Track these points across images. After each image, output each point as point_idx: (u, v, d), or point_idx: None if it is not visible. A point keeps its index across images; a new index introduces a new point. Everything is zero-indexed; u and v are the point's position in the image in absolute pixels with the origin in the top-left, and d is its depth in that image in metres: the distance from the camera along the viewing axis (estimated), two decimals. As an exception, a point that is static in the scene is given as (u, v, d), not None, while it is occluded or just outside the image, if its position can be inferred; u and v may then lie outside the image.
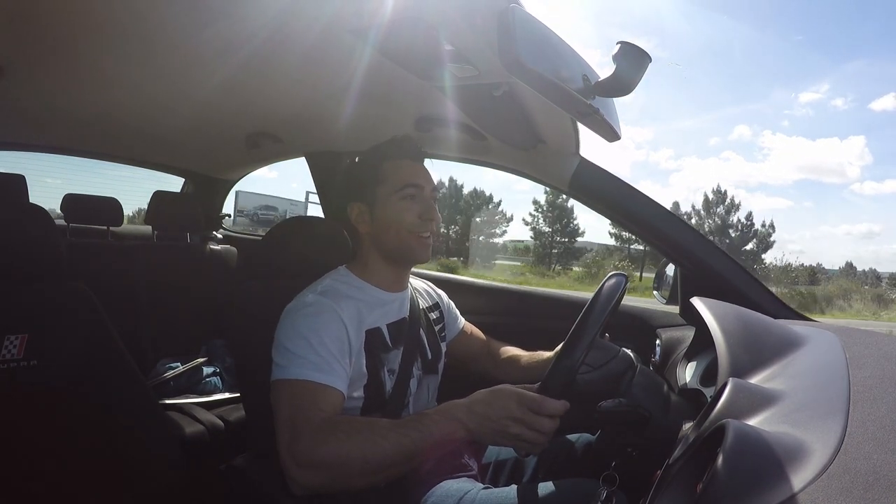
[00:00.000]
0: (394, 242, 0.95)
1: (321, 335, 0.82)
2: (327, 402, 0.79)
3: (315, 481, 0.72)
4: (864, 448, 0.44)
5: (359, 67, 0.95)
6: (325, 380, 0.79)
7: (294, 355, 0.81)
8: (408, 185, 0.94)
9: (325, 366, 0.80)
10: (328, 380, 0.79)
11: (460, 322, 1.21)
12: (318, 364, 0.80)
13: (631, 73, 0.69)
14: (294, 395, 0.78)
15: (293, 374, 0.79)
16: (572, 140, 1.14)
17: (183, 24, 0.85)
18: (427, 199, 0.96)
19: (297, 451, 0.72)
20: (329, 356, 0.81)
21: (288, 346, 0.82)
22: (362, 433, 0.73)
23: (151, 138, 1.74)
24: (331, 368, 0.81)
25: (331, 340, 0.83)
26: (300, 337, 0.82)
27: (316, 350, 0.81)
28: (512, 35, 0.61)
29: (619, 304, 0.83)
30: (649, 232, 1.20)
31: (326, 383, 0.79)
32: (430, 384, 1.04)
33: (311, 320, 0.84)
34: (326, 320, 0.85)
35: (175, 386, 1.58)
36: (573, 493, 0.84)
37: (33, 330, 0.88)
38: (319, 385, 0.79)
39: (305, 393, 0.78)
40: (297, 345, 0.82)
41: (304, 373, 0.79)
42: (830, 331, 0.79)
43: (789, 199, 51.04)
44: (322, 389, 0.79)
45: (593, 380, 0.82)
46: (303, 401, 0.77)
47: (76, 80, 1.15)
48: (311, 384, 0.79)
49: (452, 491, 0.89)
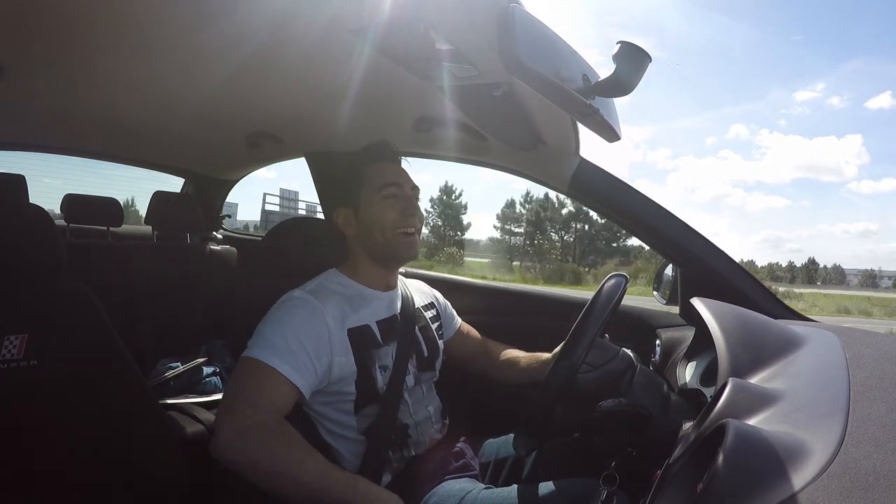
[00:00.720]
0: (380, 241, 0.97)
1: (297, 328, 0.84)
2: (278, 390, 0.80)
3: (237, 457, 0.73)
4: (864, 448, 0.44)
5: (359, 67, 0.95)
6: (283, 369, 0.80)
7: (264, 339, 0.83)
8: (388, 185, 0.97)
9: (290, 357, 0.82)
10: (286, 371, 0.80)
11: (457, 322, 1.22)
12: (283, 353, 0.82)
13: (631, 73, 0.69)
14: (249, 374, 0.80)
15: (255, 354, 0.81)
16: (572, 140, 1.14)
17: (183, 25, 0.85)
18: (408, 197, 0.99)
19: (230, 425, 0.74)
20: (299, 349, 0.83)
21: (263, 330, 0.85)
22: (296, 452, 0.74)
23: (151, 138, 1.74)
24: (295, 360, 0.82)
25: (307, 336, 0.84)
26: (277, 324, 0.85)
27: (287, 340, 0.83)
28: (512, 35, 0.61)
29: (619, 304, 0.83)
30: (649, 232, 1.20)
31: (283, 373, 0.80)
32: (427, 381, 1.05)
33: (292, 313, 0.87)
34: (307, 316, 0.87)
35: (175, 386, 1.58)
36: (573, 492, 0.84)
37: (33, 330, 0.88)
38: (275, 372, 0.80)
39: (260, 375, 0.80)
40: (272, 331, 0.84)
41: (266, 356, 0.81)
42: (830, 331, 0.79)
43: (787, 197, 51.10)
44: (276, 377, 0.80)
45: (593, 379, 0.83)
46: (255, 381, 0.79)
47: (76, 80, 1.15)
48: (269, 369, 0.80)
49: (454, 491, 0.90)
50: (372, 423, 0.91)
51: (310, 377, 0.84)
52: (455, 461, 0.99)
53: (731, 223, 62.91)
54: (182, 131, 1.65)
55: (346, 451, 0.91)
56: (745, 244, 59.69)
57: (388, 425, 0.92)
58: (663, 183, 52.53)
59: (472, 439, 1.08)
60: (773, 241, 62.72)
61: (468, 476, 0.97)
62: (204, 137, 1.72)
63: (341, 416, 0.91)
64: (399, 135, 1.30)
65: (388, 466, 0.93)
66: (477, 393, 1.29)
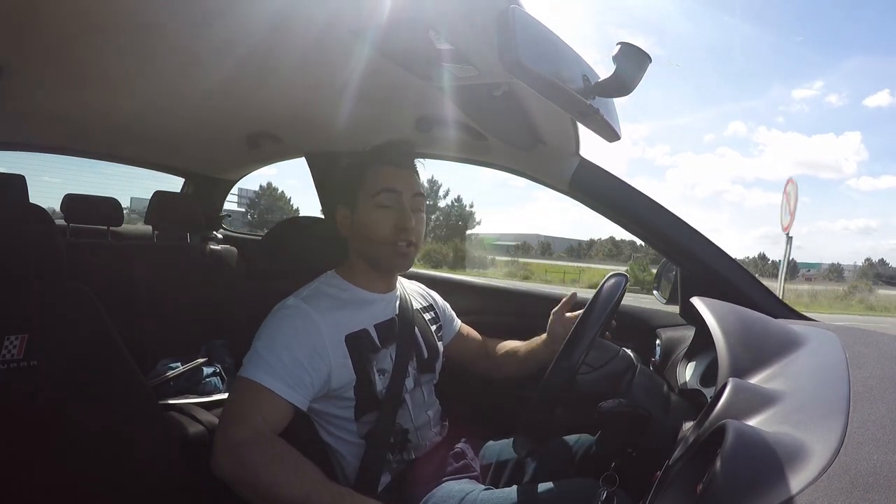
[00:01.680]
0: (369, 251, 0.96)
1: (290, 341, 0.84)
2: (270, 408, 0.80)
3: (227, 475, 0.74)
4: (864, 448, 0.44)
5: (359, 67, 0.95)
6: (275, 387, 0.81)
7: (259, 357, 0.83)
8: (383, 190, 0.93)
9: (283, 372, 0.82)
10: (279, 388, 0.81)
11: (456, 324, 1.22)
12: (276, 370, 0.82)
13: (631, 73, 0.69)
14: (244, 394, 0.81)
15: (248, 374, 0.82)
16: (572, 140, 1.14)
17: (183, 25, 0.85)
18: (403, 207, 0.94)
19: (227, 447, 0.75)
20: (292, 363, 0.83)
21: (258, 346, 0.85)
22: (286, 465, 0.74)
23: (152, 138, 1.74)
24: (289, 376, 0.82)
25: (300, 348, 0.84)
26: (270, 339, 0.85)
27: (279, 355, 0.82)
28: (512, 35, 0.61)
29: (619, 304, 0.83)
30: (649, 232, 1.20)
31: (275, 391, 0.80)
32: (427, 383, 1.04)
33: (285, 325, 0.86)
34: (300, 326, 0.86)
35: (175, 386, 1.58)
36: (573, 493, 0.84)
37: (33, 330, 0.88)
38: (268, 391, 0.80)
39: (255, 395, 0.80)
40: (264, 346, 0.84)
41: (259, 375, 0.81)
42: (830, 330, 0.79)
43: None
44: (268, 395, 0.80)
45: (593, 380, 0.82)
46: (250, 401, 0.80)
47: (76, 80, 1.15)
48: (261, 388, 0.80)
49: (454, 492, 0.89)
50: (371, 428, 0.91)
51: (305, 391, 0.83)
52: (455, 462, 0.99)
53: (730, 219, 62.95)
54: (182, 131, 1.65)
55: (346, 452, 0.91)
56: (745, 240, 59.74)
57: (388, 429, 0.92)
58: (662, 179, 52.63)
59: (473, 441, 1.08)
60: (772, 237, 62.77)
61: (468, 477, 0.97)
62: (204, 137, 1.72)
63: (341, 420, 0.91)
64: (399, 135, 1.30)
65: (388, 467, 0.93)
66: (478, 395, 1.29)
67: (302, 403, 0.83)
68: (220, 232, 2.37)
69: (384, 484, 0.92)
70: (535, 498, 0.85)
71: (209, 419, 1.44)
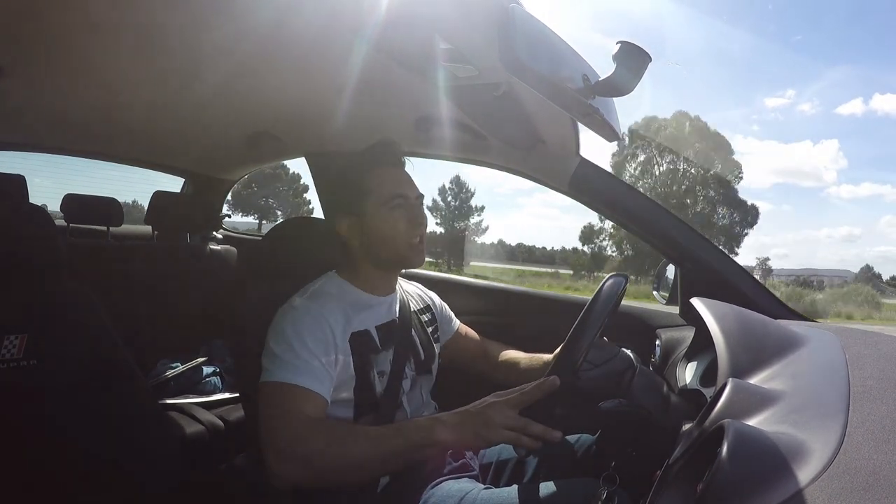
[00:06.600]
0: (389, 253, 0.97)
1: (304, 338, 0.85)
2: (308, 404, 0.82)
3: (293, 475, 0.77)
4: (864, 448, 0.44)
5: (359, 67, 0.95)
6: (306, 383, 0.83)
7: (279, 359, 0.84)
8: (395, 196, 0.96)
9: (308, 369, 0.84)
10: (309, 383, 0.83)
11: (455, 324, 1.21)
12: (301, 368, 0.83)
13: (631, 73, 0.69)
14: (277, 398, 0.82)
15: (277, 377, 0.83)
16: (572, 140, 1.14)
17: (183, 25, 0.85)
18: (414, 206, 0.98)
19: (278, 448, 0.77)
20: (311, 358, 0.85)
21: (274, 349, 0.86)
22: (340, 433, 0.79)
23: (151, 138, 1.74)
24: (313, 372, 0.84)
25: (314, 342, 0.86)
26: (285, 340, 0.86)
27: (298, 354, 0.84)
28: (512, 35, 0.61)
29: (618, 305, 0.83)
30: (649, 232, 1.20)
31: (307, 387, 0.83)
32: (424, 385, 1.04)
33: (296, 324, 0.87)
34: (310, 323, 0.87)
35: (175, 386, 1.58)
36: (573, 493, 0.84)
37: (33, 330, 0.88)
38: (301, 388, 0.82)
39: (288, 395, 0.82)
40: (282, 348, 0.85)
41: (288, 376, 0.83)
42: (830, 331, 0.79)
43: (768, 202, 51.07)
44: (304, 393, 0.82)
45: (593, 378, 0.82)
46: (285, 402, 0.81)
47: (76, 80, 1.15)
48: (294, 388, 0.82)
49: (453, 491, 0.89)
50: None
51: (327, 381, 0.86)
52: (454, 461, 0.99)
53: (712, 228, 62.45)
54: (182, 131, 1.65)
55: None
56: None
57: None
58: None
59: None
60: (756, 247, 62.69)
61: (468, 476, 0.96)
62: (204, 137, 1.72)
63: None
64: (399, 135, 1.30)
65: None
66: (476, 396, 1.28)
67: (328, 394, 0.86)
68: (220, 232, 2.37)
69: (383, 484, 0.91)
70: (535, 497, 0.85)
71: (209, 419, 1.44)
